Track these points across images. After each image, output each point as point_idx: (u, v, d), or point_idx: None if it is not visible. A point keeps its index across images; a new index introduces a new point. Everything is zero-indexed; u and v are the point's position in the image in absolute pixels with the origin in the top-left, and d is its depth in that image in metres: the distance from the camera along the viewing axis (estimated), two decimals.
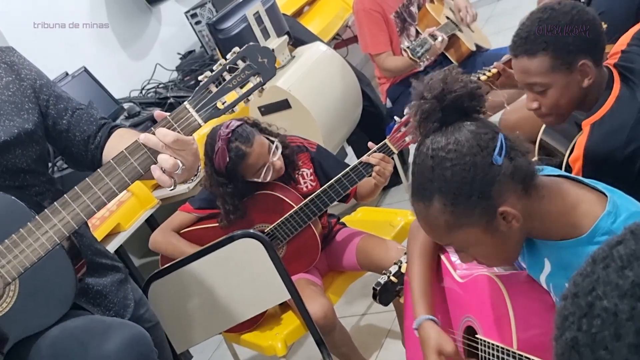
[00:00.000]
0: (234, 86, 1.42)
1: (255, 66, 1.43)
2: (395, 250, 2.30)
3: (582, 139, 1.64)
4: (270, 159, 2.26)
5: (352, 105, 3.36)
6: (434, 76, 1.28)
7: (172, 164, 1.36)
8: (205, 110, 1.41)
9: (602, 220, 1.21)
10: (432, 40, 3.08)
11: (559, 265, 1.29)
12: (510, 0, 5.66)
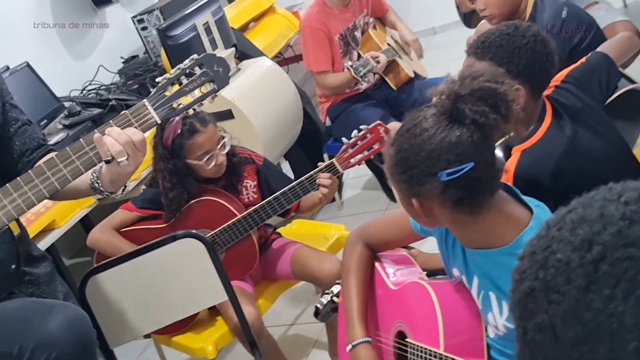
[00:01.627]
0: (190, 90, 1.52)
1: (211, 74, 1.52)
2: (330, 262, 2.39)
3: (511, 163, 1.72)
4: (216, 149, 2.30)
5: (293, 121, 3.45)
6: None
7: (119, 151, 1.44)
8: (162, 109, 1.49)
9: (525, 234, 1.30)
10: (373, 62, 3.23)
11: (481, 273, 1.39)
12: (445, 35, 5.92)
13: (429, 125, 1.28)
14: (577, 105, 1.79)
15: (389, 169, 1.36)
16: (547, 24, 2.34)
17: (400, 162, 1.31)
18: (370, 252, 1.73)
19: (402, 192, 1.35)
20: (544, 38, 1.74)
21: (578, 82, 1.86)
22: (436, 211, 1.33)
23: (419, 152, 1.28)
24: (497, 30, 1.76)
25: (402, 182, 1.33)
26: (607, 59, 1.96)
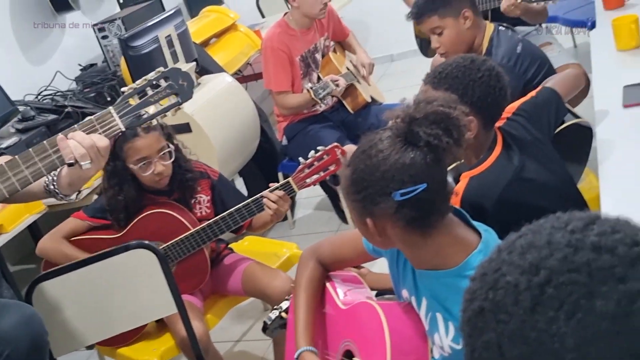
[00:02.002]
0: (154, 101, 1.56)
1: (176, 87, 1.56)
2: (281, 279, 2.40)
3: (459, 188, 1.77)
4: (156, 158, 2.29)
5: (250, 138, 3.47)
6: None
7: (82, 154, 1.45)
8: (127, 117, 1.52)
9: (472, 257, 1.35)
10: (333, 85, 3.28)
11: (430, 294, 1.43)
12: (402, 63, 6.04)
13: (384, 147, 1.32)
14: (526, 138, 1.86)
15: (345, 189, 1.40)
16: (502, 58, 2.42)
17: (356, 182, 1.35)
18: (322, 270, 1.76)
19: (357, 211, 1.39)
20: (498, 72, 1.81)
21: (528, 115, 1.94)
22: (389, 231, 1.37)
23: (374, 172, 1.32)
24: (454, 62, 1.82)
25: (357, 202, 1.37)
26: (556, 94, 2.04)
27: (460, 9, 2.49)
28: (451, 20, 2.50)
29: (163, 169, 2.30)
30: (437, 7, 2.49)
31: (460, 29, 2.50)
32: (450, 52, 2.55)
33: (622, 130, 1.97)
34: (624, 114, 2.04)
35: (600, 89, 2.24)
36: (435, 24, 2.51)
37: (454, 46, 2.53)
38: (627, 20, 2.44)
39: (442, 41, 2.53)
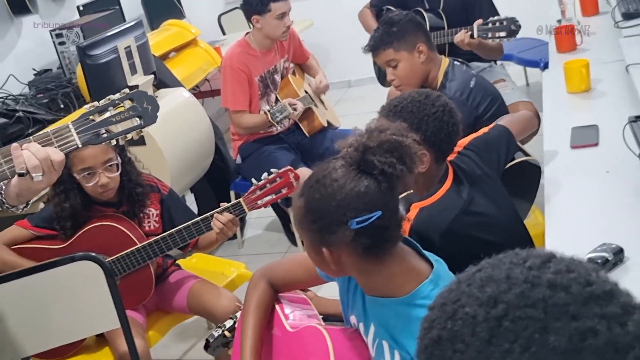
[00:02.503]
0: (116, 121, 1.53)
1: (139, 109, 1.55)
2: (227, 299, 2.39)
3: (408, 218, 1.78)
4: (101, 169, 2.26)
5: (204, 155, 3.46)
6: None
7: (35, 165, 1.43)
8: (85, 134, 1.50)
9: (424, 286, 1.37)
10: (290, 109, 3.30)
11: (378, 321, 1.44)
12: (359, 89, 6.11)
13: (338, 176, 1.33)
14: (476, 173, 1.91)
15: (299, 219, 1.40)
16: (455, 92, 2.49)
17: (311, 211, 1.36)
18: (272, 292, 1.75)
19: (312, 241, 1.39)
20: (451, 109, 1.86)
21: (479, 151, 1.98)
22: (344, 260, 1.37)
23: (330, 201, 1.33)
24: (409, 96, 1.87)
25: (312, 232, 1.37)
26: (508, 132, 2.10)
27: (415, 43, 2.54)
28: (406, 54, 2.55)
29: (107, 181, 2.26)
30: (392, 41, 2.55)
31: (414, 62, 2.56)
32: (405, 85, 2.60)
33: (569, 170, 2.03)
34: (572, 155, 2.11)
35: (550, 129, 2.31)
36: (390, 57, 2.57)
37: (408, 79, 2.58)
38: (578, 64, 2.53)
39: (396, 74, 2.58)
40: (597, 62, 2.66)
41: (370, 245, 1.34)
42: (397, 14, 2.65)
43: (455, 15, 3.35)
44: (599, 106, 2.39)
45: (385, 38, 2.56)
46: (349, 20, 4.53)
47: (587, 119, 2.28)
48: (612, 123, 2.15)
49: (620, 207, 1.75)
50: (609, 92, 2.47)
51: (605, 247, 1.55)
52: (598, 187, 1.89)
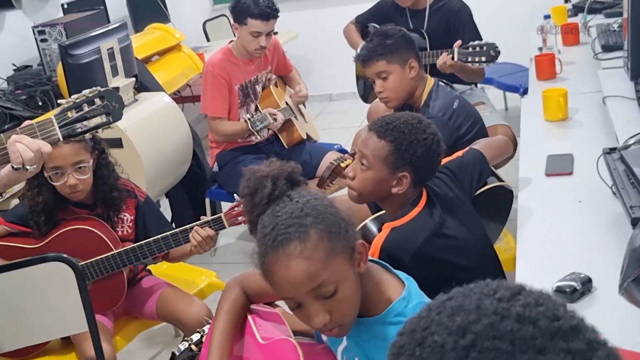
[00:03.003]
0: (89, 117, 1.65)
1: (110, 107, 1.67)
2: (197, 307, 2.38)
3: (380, 237, 1.81)
4: (70, 170, 2.24)
5: (181, 161, 3.45)
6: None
7: (30, 158, 1.53)
8: (65, 128, 1.60)
9: (397, 303, 1.38)
10: (271, 119, 3.30)
11: (353, 339, 1.46)
12: (340, 103, 6.14)
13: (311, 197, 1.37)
14: (448, 196, 1.93)
15: None
16: (439, 111, 2.52)
17: (330, 222, 1.35)
18: (245, 299, 1.76)
19: (344, 254, 1.38)
20: (440, 139, 1.89)
21: (453, 174, 2.01)
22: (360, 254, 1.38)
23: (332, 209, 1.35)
24: (402, 117, 1.88)
25: (344, 236, 1.36)
26: (482, 156, 2.13)
27: (407, 59, 2.58)
28: (398, 68, 2.58)
29: (76, 182, 2.25)
30: (386, 53, 2.57)
31: (404, 77, 2.58)
32: (392, 98, 2.63)
33: (542, 198, 2.06)
34: (546, 183, 2.13)
35: (525, 156, 2.34)
36: (382, 68, 2.59)
37: (396, 93, 2.61)
38: (556, 93, 2.57)
39: (386, 86, 2.60)
40: (575, 91, 2.71)
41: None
42: (391, 28, 2.67)
43: (438, 37, 3.39)
44: (575, 135, 2.43)
45: (379, 49, 2.58)
46: (334, 35, 4.56)
47: (562, 148, 2.31)
48: (587, 153, 2.19)
49: (591, 237, 1.78)
50: (585, 122, 2.51)
51: (574, 276, 1.58)
52: (570, 216, 1.91)
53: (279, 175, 1.41)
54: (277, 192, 1.38)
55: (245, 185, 1.45)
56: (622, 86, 2.44)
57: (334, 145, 3.73)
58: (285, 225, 1.29)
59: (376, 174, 1.87)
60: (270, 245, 1.29)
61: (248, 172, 1.46)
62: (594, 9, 3.65)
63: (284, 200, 1.36)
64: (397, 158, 1.84)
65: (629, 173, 1.74)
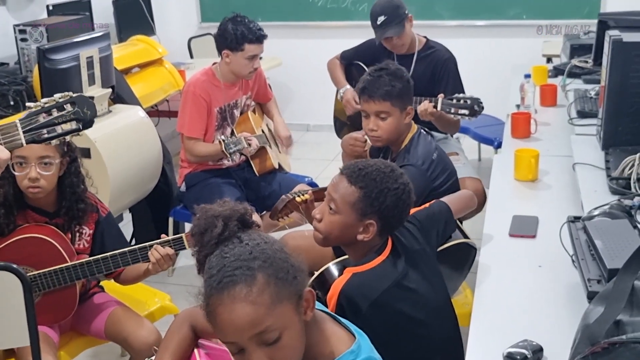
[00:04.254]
0: (58, 122, 1.62)
1: (81, 114, 1.64)
2: (147, 330, 2.33)
3: (340, 281, 1.79)
4: (34, 163, 2.19)
5: (149, 178, 3.40)
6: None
7: None
8: (30, 133, 1.58)
9: (344, 356, 1.35)
10: (245, 143, 3.28)
11: None
12: (316, 135, 6.14)
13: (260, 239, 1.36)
14: (414, 248, 1.92)
15: None
16: (418, 159, 2.51)
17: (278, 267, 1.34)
18: (193, 336, 1.72)
19: (290, 301, 1.36)
20: (411, 190, 1.88)
21: (420, 225, 2.00)
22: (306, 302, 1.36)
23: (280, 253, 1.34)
24: (375, 165, 1.87)
25: (291, 282, 1.34)
26: (448, 210, 2.13)
27: (407, 105, 2.59)
28: (398, 112, 2.58)
29: (37, 176, 2.20)
30: (393, 95, 2.55)
31: (400, 121, 2.59)
32: (384, 139, 2.62)
33: (504, 258, 2.06)
34: (509, 243, 2.14)
35: (492, 213, 2.35)
36: (385, 109, 2.57)
37: (390, 134, 2.60)
38: (528, 153, 2.59)
39: (381, 126, 2.58)
40: (547, 153, 2.73)
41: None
42: (399, 69, 2.63)
43: (422, 83, 3.41)
44: (543, 198, 2.45)
45: (388, 90, 2.54)
46: (318, 66, 4.57)
47: (529, 209, 2.32)
48: (552, 217, 2.20)
49: (547, 304, 1.78)
50: (554, 185, 2.53)
51: (526, 343, 1.57)
52: (529, 280, 1.91)
53: (230, 215, 1.39)
54: (227, 232, 1.36)
55: (196, 223, 1.43)
56: (593, 154, 2.46)
57: (304, 178, 3.71)
58: (232, 267, 1.27)
59: (343, 219, 1.86)
60: (216, 287, 1.26)
61: (200, 210, 1.44)
62: (574, 73, 3.71)
63: (234, 242, 1.34)
64: (366, 205, 1.83)
65: (590, 245, 1.75)
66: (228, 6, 6.01)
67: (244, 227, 1.41)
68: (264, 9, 5.95)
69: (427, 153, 2.56)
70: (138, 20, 5.21)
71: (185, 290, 3.24)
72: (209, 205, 1.46)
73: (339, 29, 5.85)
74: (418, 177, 2.46)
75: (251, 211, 1.49)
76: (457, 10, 5.65)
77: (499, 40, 5.60)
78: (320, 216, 1.91)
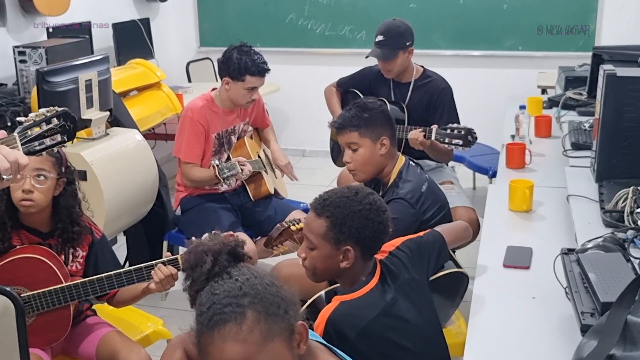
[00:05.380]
0: (47, 135, 1.71)
1: (67, 127, 1.74)
2: (138, 355, 2.31)
3: (327, 309, 1.80)
4: (29, 175, 2.20)
5: (144, 201, 3.41)
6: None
7: (6, 168, 1.54)
8: (27, 145, 1.65)
9: None
10: (239, 168, 3.28)
11: None
12: (312, 160, 6.16)
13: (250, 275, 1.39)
14: (404, 276, 1.92)
15: None
16: (407, 193, 2.52)
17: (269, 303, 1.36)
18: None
19: (282, 337, 1.36)
20: (379, 207, 1.88)
21: (411, 254, 2.00)
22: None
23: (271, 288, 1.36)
24: (339, 192, 1.90)
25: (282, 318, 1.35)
26: (442, 240, 2.14)
27: (380, 135, 2.59)
28: (369, 142, 2.59)
29: (31, 188, 2.22)
30: (360, 125, 2.59)
31: (374, 152, 2.59)
32: (358, 171, 2.64)
33: (497, 288, 2.06)
34: (503, 274, 2.14)
35: (486, 243, 2.35)
36: (353, 139, 2.60)
37: (363, 166, 2.62)
38: (523, 184, 2.60)
39: (354, 158, 2.62)
40: (541, 184, 2.75)
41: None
42: (372, 102, 2.70)
43: (417, 112, 3.44)
44: (537, 229, 2.46)
45: (354, 121, 2.59)
46: (314, 93, 4.60)
47: (523, 240, 2.33)
48: (546, 249, 2.21)
49: (541, 336, 1.78)
50: (548, 216, 2.54)
51: None
52: (523, 311, 1.92)
53: (220, 250, 1.40)
54: (217, 268, 1.37)
55: (187, 258, 1.44)
56: (587, 187, 2.48)
57: (300, 204, 3.72)
58: (222, 304, 1.27)
59: (321, 252, 1.88)
60: (206, 325, 1.27)
61: (191, 244, 1.46)
62: (568, 104, 3.74)
63: (224, 278, 1.34)
64: (335, 233, 1.85)
65: (584, 277, 1.75)
66: (227, 31, 6.09)
67: (235, 260, 1.42)
68: (263, 35, 6.00)
69: (417, 186, 2.57)
70: (137, 44, 5.25)
71: (178, 315, 3.24)
72: (199, 240, 1.47)
73: (337, 56, 5.89)
74: (405, 210, 2.48)
75: (242, 243, 1.50)
76: (454, 40, 5.71)
77: (495, 71, 5.65)
78: (304, 255, 1.93)
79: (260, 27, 6.07)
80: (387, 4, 5.73)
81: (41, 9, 4.30)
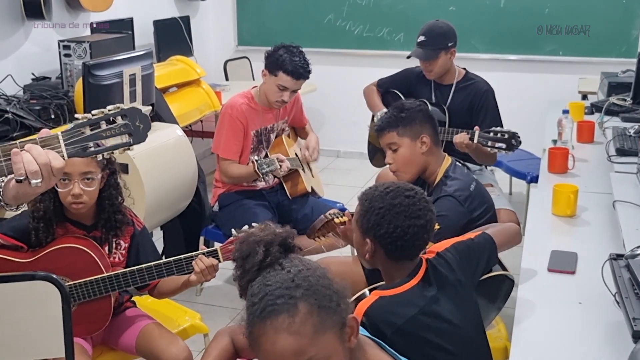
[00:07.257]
0: (106, 136, 1.48)
1: (132, 127, 1.51)
2: (179, 347, 2.32)
3: (365, 302, 1.76)
4: (77, 179, 2.21)
5: (183, 196, 3.43)
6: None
7: (34, 171, 1.39)
8: (73, 146, 1.46)
9: None
10: (278, 164, 3.29)
11: None
12: (347, 161, 6.15)
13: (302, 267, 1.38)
14: (449, 278, 1.89)
15: None
16: (455, 191, 2.50)
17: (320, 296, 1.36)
18: (233, 351, 1.73)
19: (334, 330, 1.36)
20: (411, 213, 1.82)
21: (459, 257, 1.97)
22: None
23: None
24: (381, 186, 1.90)
25: (334, 311, 1.35)
26: (492, 243, 2.10)
27: (419, 133, 2.58)
28: (408, 141, 2.58)
29: (80, 192, 2.22)
30: (397, 125, 2.59)
31: (415, 151, 2.58)
32: (400, 171, 2.63)
33: (543, 293, 2.03)
34: (548, 278, 2.11)
35: (530, 247, 2.33)
36: (393, 140, 2.60)
37: (405, 166, 2.60)
38: (567, 189, 2.56)
39: (395, 158, 2.61)
40: (585, 190, 2.71)
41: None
42: (411, 102, 2.70)
43: (459, 115, 3.42)
44: (581, 234, 2.42)
45: (392, 121, 2.60)
46: (351, 94, 4.61)
47: (567, 245, 2.30)
48: (591, 254, 2.18)
49: (589, 343, 1.75)
50: (593, 222, 2.50)
51: None
52: (569, 317, 1.89)
53: (272, 241, 1.40)
54: (269, 259, 1.37)
55: (238, 248, 1.44)
56: (634, 192, 2.44)
57: (336, 203, 3.71)
58: (274, 295, 1.27)
59: (355, 237, 1.91)
60: (258, 316, 1.26)
61: (242, 235, 1.46)
62: (611, 110, 3.69)
63: (276, 269, 1.34)
64: (362, 222, 1.87)
65: (634, 283, 1.73)
66: (265, 31, 6.11)
67: (286, 252, 1.41)
68: (301, 35, 6.01)
69: (465, 184, 2.55)
70: (177, 41, 5.29)
71: (213, 311, 3.24)
72: (250, 230, 1.47)
73: (374, 58, 5.88)
74: (454, 208, 2.46)
75: (294, 234, 1.49)
76: (492, 43, 5.66)
77: (534, 76, 5.60)
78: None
79: (299, 27, 6.08)
80: (426, 5, 5.70)
81: (85, 4, 4.36)
